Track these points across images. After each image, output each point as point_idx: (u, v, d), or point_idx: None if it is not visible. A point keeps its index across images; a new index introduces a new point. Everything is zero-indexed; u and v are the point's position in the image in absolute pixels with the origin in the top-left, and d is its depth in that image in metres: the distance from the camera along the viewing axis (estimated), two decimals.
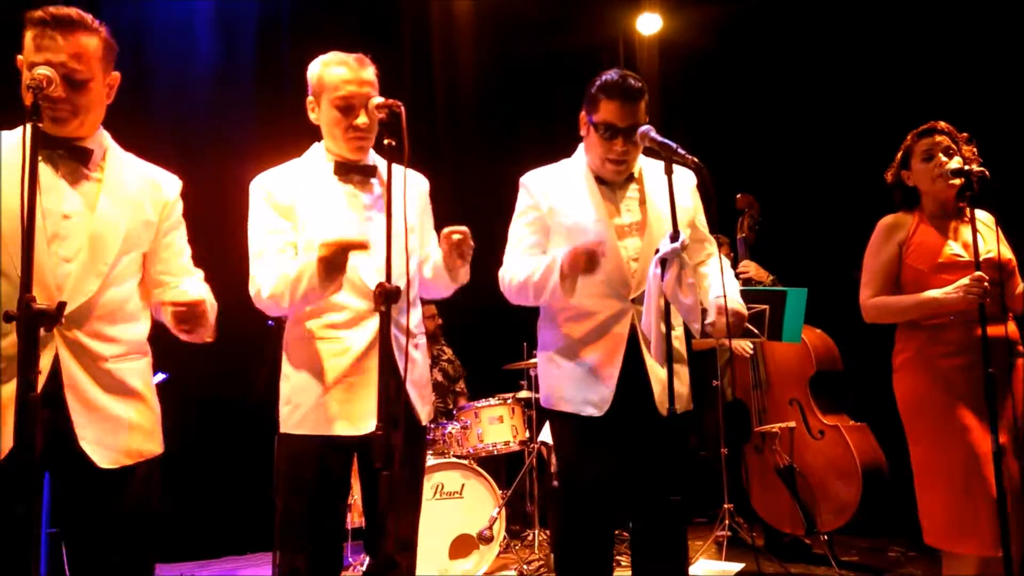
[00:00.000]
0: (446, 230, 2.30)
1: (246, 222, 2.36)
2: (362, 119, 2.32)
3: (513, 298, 2.59)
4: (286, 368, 2.35)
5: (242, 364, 4.69)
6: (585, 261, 2.31)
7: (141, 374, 2.11)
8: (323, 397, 2.26)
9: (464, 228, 2.28)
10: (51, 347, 1.93)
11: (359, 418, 2.25)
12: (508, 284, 2.56)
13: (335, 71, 2.34)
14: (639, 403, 2.44)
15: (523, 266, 2.52)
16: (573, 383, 2.50)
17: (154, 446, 2.12)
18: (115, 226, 2.05)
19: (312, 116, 2.42)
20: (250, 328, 3.33)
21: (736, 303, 2.44)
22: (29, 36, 1.97)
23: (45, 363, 1.90)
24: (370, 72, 2.36)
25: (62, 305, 1.74)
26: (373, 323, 2.25)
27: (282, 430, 2.32)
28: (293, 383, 2.31)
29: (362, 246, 2.14)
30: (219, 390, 4.88)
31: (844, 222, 3.96)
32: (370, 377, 2.23)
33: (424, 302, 2.69)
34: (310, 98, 2.40)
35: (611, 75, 2.48)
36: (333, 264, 2.14)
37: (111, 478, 1.99)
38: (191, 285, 2.14)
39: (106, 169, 2.08)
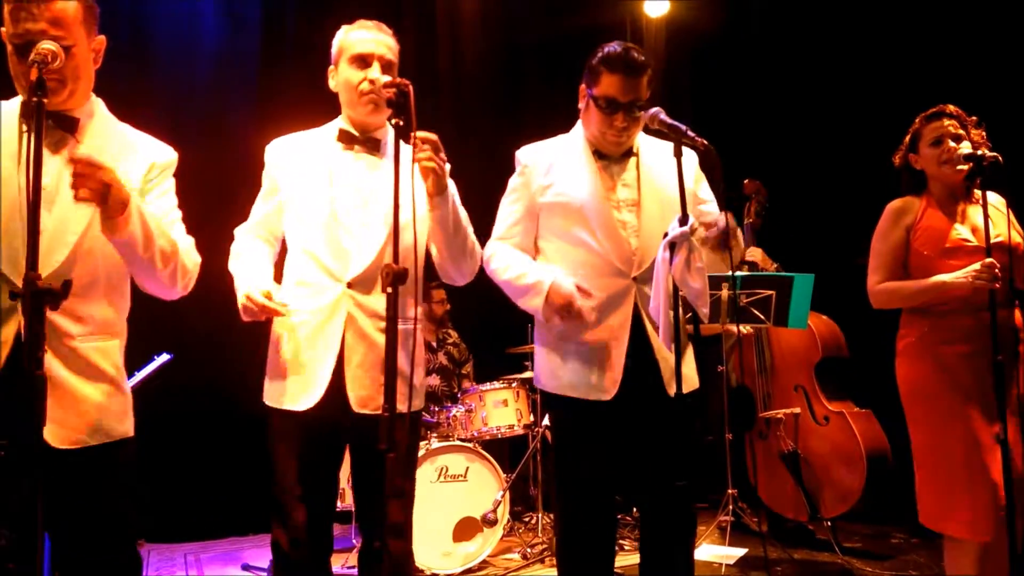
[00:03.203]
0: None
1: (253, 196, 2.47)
2: (375, 71, 2.30)
3: (493, 279, 2.56)
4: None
5: (245, 343, 4.68)
6: (574, 314, 2.32)
7: (110, 355, 2.03)
8: (281, 370, 2.30)
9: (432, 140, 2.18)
10: (14, 320, 1.85)
11: (301, 394, 2.26)
12: (493, 271, 2.55)
13: (355, 33, 2.38)
14: (646, 385, 2.40)
15: (510, 262, 2.49)
16: (578, 367, 2.43)
17: (124, 428, 2.04)
18: None
19: (331, 84, 2.42)
20: None
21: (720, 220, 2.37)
22: (6, 8, 1.91)
23: (7, 336, 1.83)
24: (390, 39, 2.39)
25: (68, 283, 1.69)
26: (331, 299, 2.27)
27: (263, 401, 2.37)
28: (269, 355, 2.36)
29: (277, 313, 2.19)
30: (222, 370, 4.87)
31: (851, 208, 3.94)
32: (320, 353, 2.26)
33: (435, 287, 2.68)
34: (331, 67, 2.41)
35: (614, 47, 2.40)
36: (248, 312, 2.21)
37: (72, 459, 1.91)
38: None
39: (86, 138, 2.03)
